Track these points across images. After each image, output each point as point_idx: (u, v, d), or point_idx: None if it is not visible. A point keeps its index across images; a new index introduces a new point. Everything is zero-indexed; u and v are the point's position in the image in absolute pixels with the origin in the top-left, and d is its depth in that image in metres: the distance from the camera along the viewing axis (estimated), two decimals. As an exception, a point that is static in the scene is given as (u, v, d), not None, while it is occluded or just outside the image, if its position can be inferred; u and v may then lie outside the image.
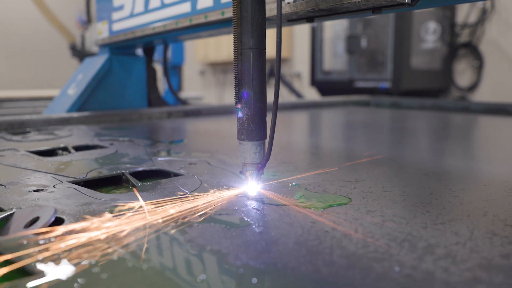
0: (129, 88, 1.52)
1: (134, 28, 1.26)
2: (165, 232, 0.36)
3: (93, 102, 1.41)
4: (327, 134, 1.24)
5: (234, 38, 0.46)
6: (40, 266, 0.30)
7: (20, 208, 0.43)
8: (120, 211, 0.41)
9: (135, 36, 1.26)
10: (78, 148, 0.81)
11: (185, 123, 1.33)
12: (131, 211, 0.41)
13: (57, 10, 3.77)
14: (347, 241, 0.35)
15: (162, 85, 3.51)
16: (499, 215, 0.41)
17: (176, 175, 0.59)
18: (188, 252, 0.33)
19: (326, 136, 1.18)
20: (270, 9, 0.60)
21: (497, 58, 3.36)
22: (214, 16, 0.90)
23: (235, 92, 0.46)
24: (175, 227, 0.37)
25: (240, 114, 0.47)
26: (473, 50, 3.48)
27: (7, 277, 0.29)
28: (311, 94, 4.23)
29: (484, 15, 3.35)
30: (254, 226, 0.38)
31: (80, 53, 3.54)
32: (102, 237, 0.35)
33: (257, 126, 0.47)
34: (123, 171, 0.59)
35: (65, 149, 0.81)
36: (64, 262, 0.30)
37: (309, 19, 0.63)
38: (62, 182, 0.54)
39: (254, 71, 0.45)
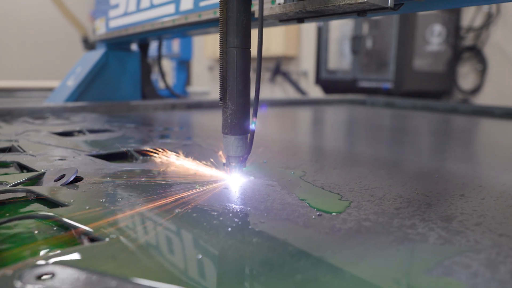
0: (124, 81, 1.63)
1: (127, 26, 1.37)
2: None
3: (90, 94, 1.53)
4: (311, 130, 1.36)
5: (220, 37, 0.48)
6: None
7: (49, 170, 0.56)
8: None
9: (128, 33, 1.37)
10: (91, 131, 0.95)
11: (187, 115, 1.46)
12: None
13: (71, 3, 3.91)
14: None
15: (171, 79, 3.64)
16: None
17: (173, 152, 0.72)
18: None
19: (304, 133, 1.30)
20: (265, 9, 0.64)
21: (501, 62, 3.43)
22: (192, 18, 1.02)
23: (220, 89, 0.49)
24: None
25: (224, 110, 0.50)
26: (477, 53, 3.56)
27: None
28: (316, 92, 4.34)
29: (489, 19, 3.43)
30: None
31: (92, 46, 3.68)
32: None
33: (240, 121, 0.50)
34: (129, 149, 0.72)
35: (80, 131, 0.94)
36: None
37: (299, 19, 0.67)
38: (79, 154, 0.67)
39: (238, 69, 0.48)
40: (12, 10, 6.21)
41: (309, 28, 4.86)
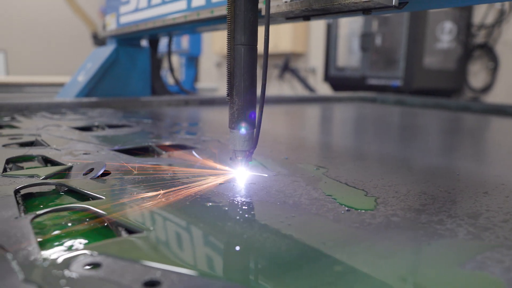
0: (134, 77, 1.63)
1: (138, 22, 1.37)
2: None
3: (100, 89, 1.54)
4: (326, 128, 1.37)
5: (228, 34, 0.49)
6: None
7: (76, 164, 0.57)
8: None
9: (139, 29, 1.38)
10: (110, 126, 0.96)
11: (200, 111, 1.47)
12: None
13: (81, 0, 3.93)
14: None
15: (179, 75, 3.66)
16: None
17: (191, 148, 0.73)
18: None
19: (318, 130, 1.30)
20: (271, 6, 0.66)
21: (513, 60, 3.41)
22: (204, 14, 1.02)
23: (227, 85, 0.50)
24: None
25: (231, 105, 0.51)
26: (488, 51, 3.53)
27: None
28: (324, 90, 4.33)
29: (501, 16, 3.39)
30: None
31: (101, 42, 3.70)
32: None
33: (247, 116, 0.51)
34: (150, 144, 0.73)
35: (99, 126, 0.95)
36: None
37: (305, 17, 0.67)
38: (103, 149, 0.68)
39: (245, 66, 0.49)
40: (23, 6, 6.25)
41: (318, 25, 4.85)
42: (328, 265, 0.31)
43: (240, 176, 0.54)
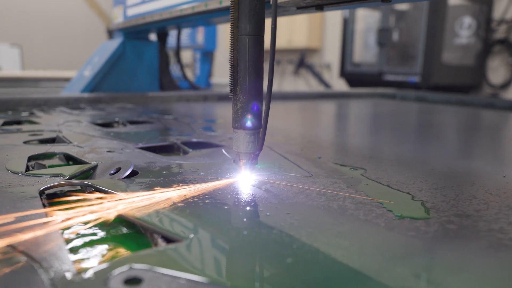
0: (141, 71, 1.58)
1: (145, 14, 1.33)
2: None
3: (107, 84, 1.49)
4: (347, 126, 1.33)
5: (231, 23, 0.44)
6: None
7: (101, 162, 0.54)
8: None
9: (146, 22, 1.33)
10: (132, 122, 0.93)
11: (219, 107, 1.44)
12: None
13: (97, -6, 3.92)
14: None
15: (195, 70, 3.63)
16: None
17: (218, 145, 0.70)
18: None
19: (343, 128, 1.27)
20: None
21: (534, 56, 3.33)
22: (212, 5, 0.97)
23: (230, 80, 0.45)
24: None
25: (234, 102, 0.46)
26: (509, 46, 3.46)
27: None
28: (340, 85, 4.28)
29: (523, 11, 3.32)
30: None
31: (117, 36, 3.69)
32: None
33: (252, 115, 0.46)
34: (175, 141, 0.70)
35: (119, 122, 0.93)
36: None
37: (318, 6, 0.62)
38: (127, 146, 0.65)
39: (250, 58, 0.44)
40: (38, 1, 6.27)
41: (333, 20, 4.79)
42: (393, 280, 0.27)
43: (272, 176, 0.51)
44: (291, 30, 4.92)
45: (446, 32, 3.22)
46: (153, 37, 1.68)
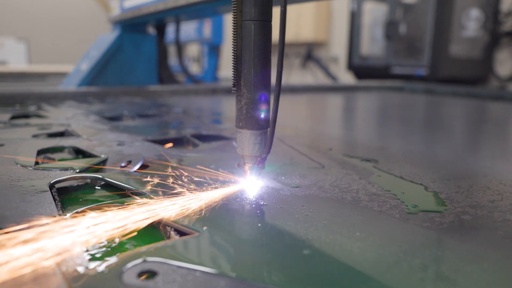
0: (139, 65, 1.57)
1: (141, 6, 1.31)
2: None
3: (104, 78, 1.47)
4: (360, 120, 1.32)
5: (234, 8, 0.38)
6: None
7: (111, 155, 0.54)
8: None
9: (142, 13, 1.31)
10: (141, 116, 0.93)
11: (226, 100, 1.43)
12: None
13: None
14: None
15: (202, 64, 3.63)
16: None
17: (228, 138, 0.69)
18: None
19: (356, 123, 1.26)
20: None
21: (542, 48, 3.29)
22: None
23: (233, 72, 0.39)
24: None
25: (238, 98, 0.40)
26: (516, 39, 3.42)
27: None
28: (347, 78, 4.26)
29: (531, 3, 3.28)
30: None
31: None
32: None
33: (258, 113, 0.39)
34: (185, 134, 0.70)
35: (128, 115, 0.93)
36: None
37: None
38: (137, 139, 0.65)
39: (256, 48, 0.37)
40: (44, -4, 6.29)
41: (340, 14, 4.76)
42: (412, 272, 0.27)
43: (285, 168, 0.50)
44: (298, 23, 4.89)
45: (453, 24, 3.19)
46: (152, 30, 1.66)
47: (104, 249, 0.31)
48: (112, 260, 0.27)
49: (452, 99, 1.74)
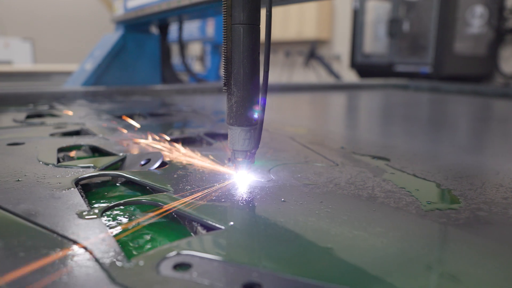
0: (143, 64, 1.58)
1: (144, 6, 1.32)
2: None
3: (108, 77, 1.49)
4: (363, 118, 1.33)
5: (224, 12, 0.41)
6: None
7: (129, 154, 0.55)
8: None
9: (145, 14, 1.32)
10: (152, 115, 0.94)
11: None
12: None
13: (108, -12, 3.92)
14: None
15: (205, 63, 3.63)
16: None
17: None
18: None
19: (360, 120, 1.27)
20: None
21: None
22: None
23: (224, 72, 0.42)
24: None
25: (229, 97, 0.43)
26: (522, 35, 3.41)
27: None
28: (350, 77, 4.26)
29: (536, -1, 3.27)
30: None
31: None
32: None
33: (247, 110, 0.42)
34: (199, 132, 0.71)
35: (140, 115, 0.94)
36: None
37: None
38: (151, 139, 0.66)
39: (245, 49, 0.41)
40: (47, -5, 6.30)
41: (343, 12, 4.76)
42: (434, 265, 0.28)
43: (299, 166, 0.51)
44: (300, 21, 4.90)
45: (457, 21, 3.19)
46: (155, 30, 1.67)
47: (136, 243, 0.32)
48: (147, 253, 0.28)
49: (457, 97, 1.75)
